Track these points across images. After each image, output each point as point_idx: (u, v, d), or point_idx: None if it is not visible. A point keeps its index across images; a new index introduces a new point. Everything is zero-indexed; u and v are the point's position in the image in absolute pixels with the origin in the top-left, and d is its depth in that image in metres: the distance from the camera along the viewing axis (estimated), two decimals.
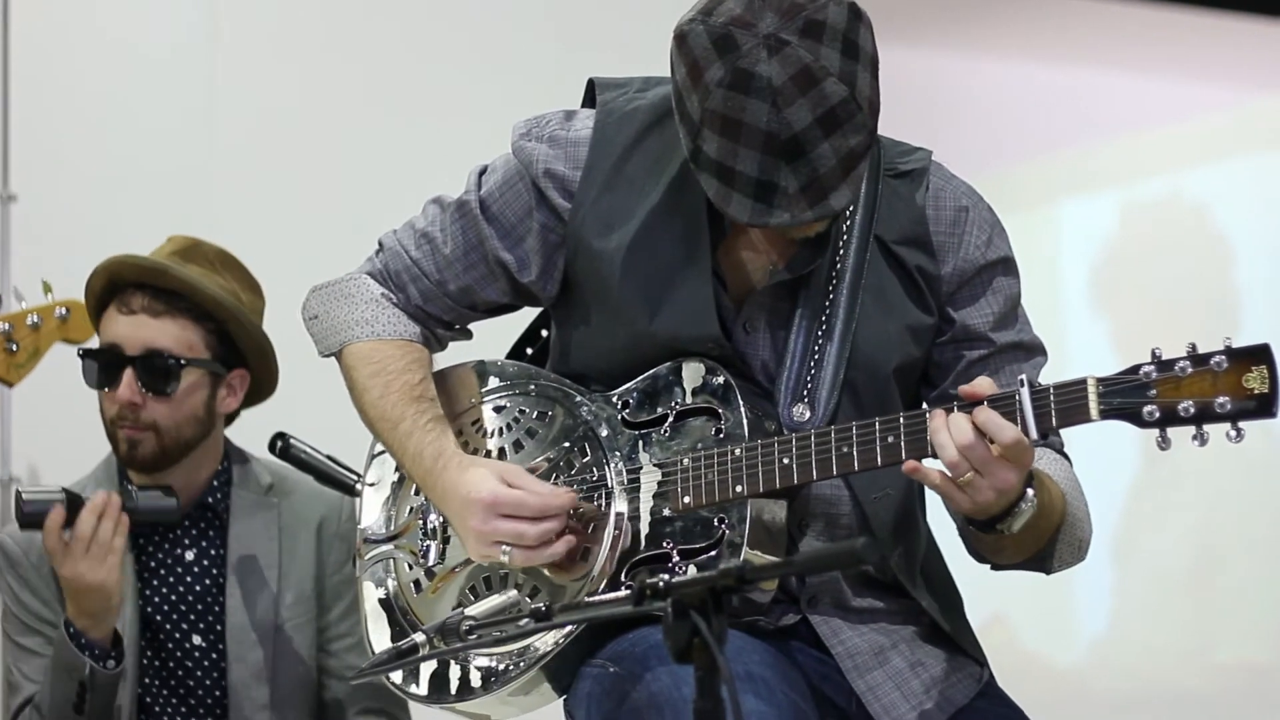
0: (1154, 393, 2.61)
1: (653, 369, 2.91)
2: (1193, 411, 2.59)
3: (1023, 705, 3.00)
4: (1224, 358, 2.58)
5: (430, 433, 2.97)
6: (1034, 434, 2.67)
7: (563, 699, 2.96)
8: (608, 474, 2.91)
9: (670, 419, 2.90)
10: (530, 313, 3.17)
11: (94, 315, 3.91)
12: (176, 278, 3.86)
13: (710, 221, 2.87)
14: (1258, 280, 6.63)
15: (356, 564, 3.12)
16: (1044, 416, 2.65)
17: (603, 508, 2.90)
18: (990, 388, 2.71)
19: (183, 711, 3.89)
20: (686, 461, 2.85)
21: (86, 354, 3.88)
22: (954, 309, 2.94)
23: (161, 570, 3.91)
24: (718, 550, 2.81)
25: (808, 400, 2.87)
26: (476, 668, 2.94)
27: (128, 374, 3.83)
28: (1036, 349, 2.99)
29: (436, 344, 3.10)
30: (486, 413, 3.05)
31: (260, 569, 3.93)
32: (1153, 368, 2.62)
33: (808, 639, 2.92)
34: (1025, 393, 2.66)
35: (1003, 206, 3.03)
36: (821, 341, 2.88)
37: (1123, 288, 6.63)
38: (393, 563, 3.07)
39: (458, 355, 3.14)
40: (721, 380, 2.86)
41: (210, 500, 3.94)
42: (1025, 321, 2.99)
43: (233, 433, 4.01)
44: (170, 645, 3.90)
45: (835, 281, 2.89)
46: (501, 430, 3.02)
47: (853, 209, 2.90)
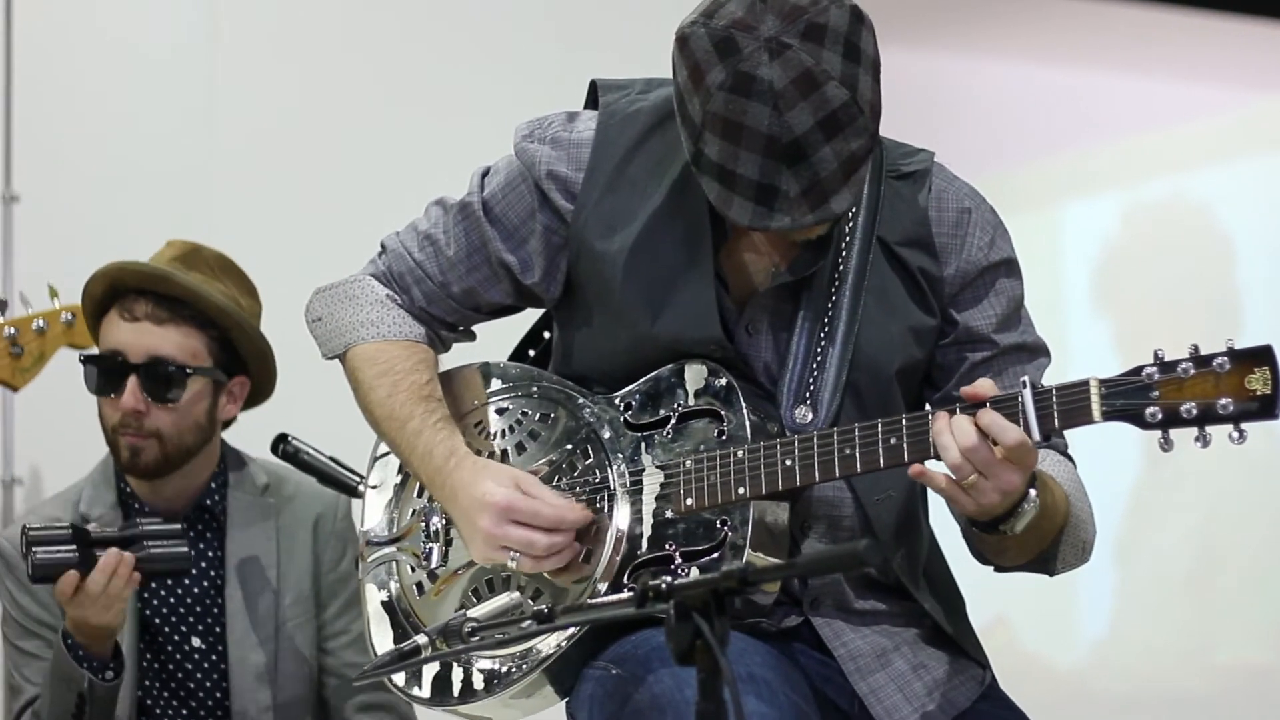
0: (1156, 394, 2.61)
1: (655, 371, 2.92)
2: (1195, 413, 2.59)
3: (1024, 707, 2.99)
4: (1226, 359, 2.58)
5: (440, 431, 2.97)
6: (1036, 435, 2.67)
7: (565, 701, 2.96)
8: (610, 476, 2.91)
9: (673, 421, 2.90)
10: (533, 314, 3.17)
11: (92, 320, 3.90)
12: (180, 285, 3.85)
13: (712, 223, 2.87)
14: (1260, 281, 6.63)
15: (359, 566, 3.12)
16: (1046, 418, 2.65)
17: (607, 510, 2.90)
18: (992, 389, 2.71)
19: (184, 714, 3.89)
20: (689, 463, 2.85)
21: (89, 360, 3.87)
22: (957, 311, 2.94)
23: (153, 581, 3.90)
24: (720, 552, 2.80)
25: (810, 402, 2.87)
26: (479, 670, 2.94)
27: (131, 381, 3.82)
28: (1040, 350, 2.99)
29: (440, 345, 3.10)
30: (489, 415, 3.04)
31: (259, 570, 3.92)
32: (1155, 369, 2.62)
33: (810, 641, 2.92)
34: (1028, 394, 2.66)
35: (1004, 208, 3.03)
36: (824, 343, 2.88)
37: (1124, 289, 6.62)
38: (395, 565, 3.07)
39: (461, 357, 3.14)
40: (724, 382, 2.86)
41: (208, 503, 3.94)
42: (1028, 323, 2.99)
43: (235, 434, 4.01)
44: (170, 648, 3.90)
45: (838, 283, 2.89)
46: (504, 432, 3.02)
47: (855, 210, 2.90)
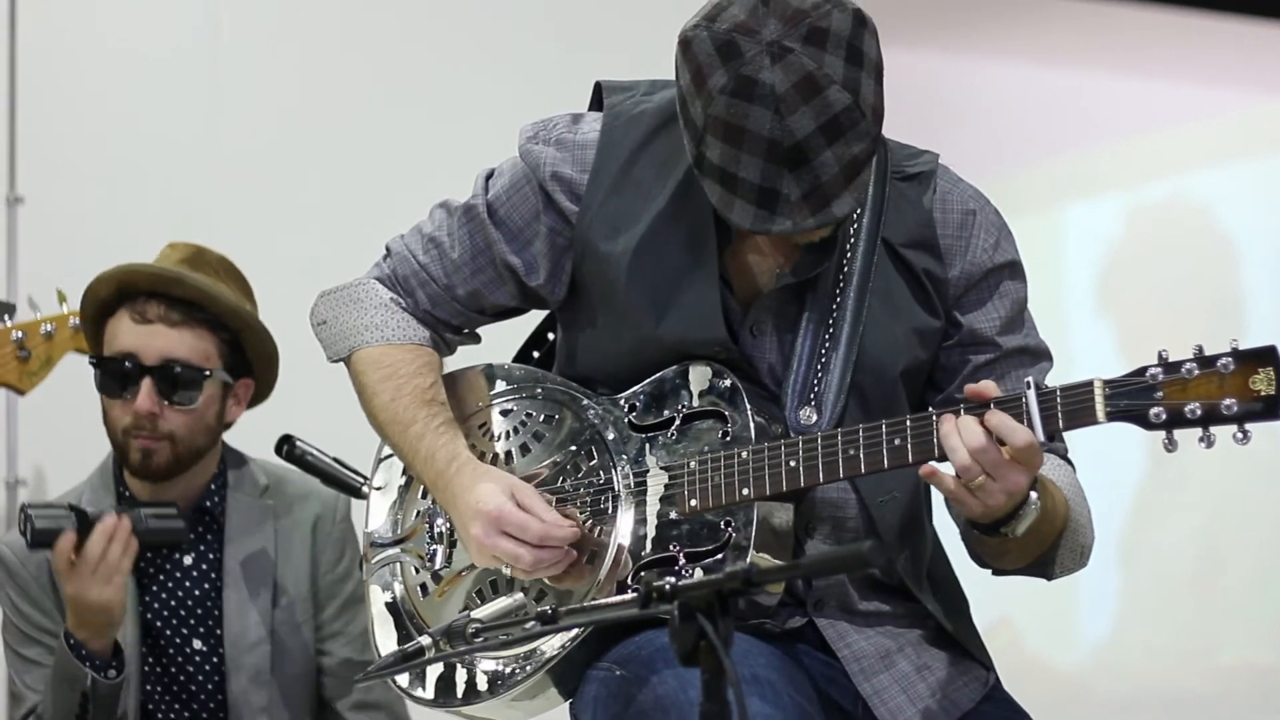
0: (1160, 394, 2.61)
1: (659, 372, 2.92)
2: (1199, 413, 2.59)
3: (1027, 707, 2.99)
4: (1230, 360, 2.58)
5: (443, 435, 2.97)
6: (1041, 436, 2.66)
7: (568, 702, 2.96)
8: (614, 477, 2.91)
9: (677, 422, 2.90)
10: (536, 315, 3.17)
11: (93, 323, 3.89)
12: (194, 287, 3.85)
13: (717, 225, 2.87)
14: (1262, 282, 6.63)
15: (363, 567, 3.12)
16: (1050, 418, 2.65)
17: (611, 512, 2.90)
18: (995, 389, 2.71)
19: (185, 716, 3.89)
20: (693, 464, 2.85)
21: (100, 362, 3.86)
22: (961, 313, 2.94)
23: (161, 576, 3.91)
24: (724, 553, 2.81)
25: (814, 403, 2.86)
26: (482, 671, 2.94)
27: (146, 383, 3.82)
28: (1043, 354, 2.99)
29: (445, 348, 3.10)
30: (494, 416, 3.04)
31: (257, 572, 3.92)
32: (1159, 370, 2.62)
33: (814, 642, 2.91)
34: (1032, 395, 2.66)
35: (1007, 209, 3.03)
36: (828, 344, 2.88)
37: (1127, 290, 6.62)
38: (399, 566, 3.07)
39: (466, 359, 3.14)
40: (728, 383, 2.86)
41: (208, 505, 3.94)
42: (1032, 326, 2.99)
43: (238, 435, 4.01)
44: (171, 651, 3.90)
45: (842, 284, 2.89)
46: (509, 434, 3.02)
47: (860, 212, 2.90)
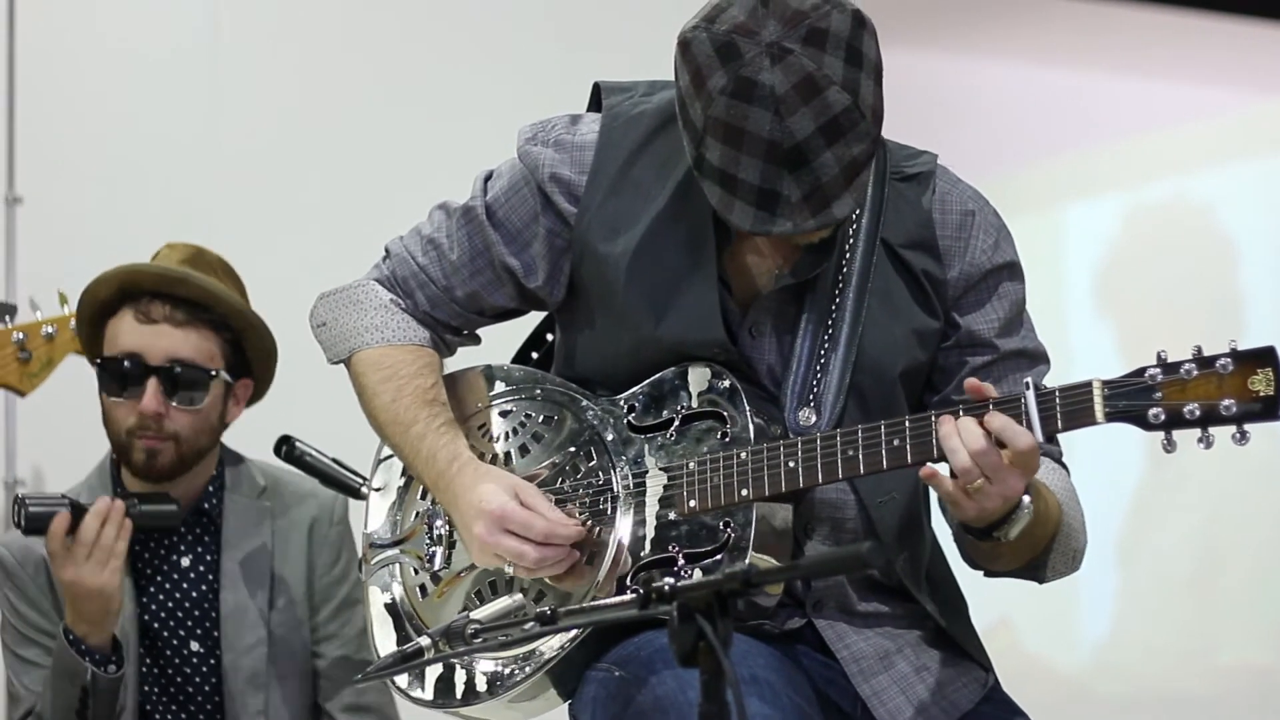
0: (1159, 395, 2.61)
1: (658, 373, 2.92)
2: (1198, 414, 2.59)
3: (1026, 708, 2.99)
4: (1229, 360, 2.58)
5: (444, 436, 2.97)
6: (1040, 436, 2.67)
7: (567, 703, 2.96)
8: (613, 478, 2.91)
9: (676, 423, 2.89)
10: (535, 316, 3.17)
11: (93, 323, 3.88)
12: (199, 287, 3.85)
13: (716, 226, 2.86)
14: (1261, 282, 6.63)
15: (362, 568, 3.12)
16: (1049, 419, 2.65)
17: (610, 512, 2.90)
18: (992, 390, 2.71)
19: (182, 718, 3.89)
20: (692, 465, 2.85)
21: (104, 362, 3.86)
22: (959, 314, 2.94)
23: (158, 577, 3.90)
24: (723, 554, 2.80)
25: (814, 404, 2.86)
26: (481, 671, 2.94)
27: (152, 384, 3.82)
28: (1040, 356, 2.98)
29: (445, 349, 3.10)
30: (493, 417, 3.04)
31: (255, 574, 3.92)
32: (1158, 370, 2.62)
33: (813, 643, 2.91)
34: (1031, 395, 2.66)
35: (1006, 210, 3.03)
36: (828, 345, 2.88)
37: (1127, 291, 6.63)
38: (398, 567, 3.07)
39: (465, 360, 3.14)
40: (727, 384, 2.86)
41: (206, 506, 3.94)
42: (1030, 328, 2.99)
43: (237, 435, 4.01)
44: (169, 652, 3.89)
45: (841, 285, 2.89)
46: (508, 434, 3.02)
47: (859, 212, 2.90)
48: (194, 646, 3.90)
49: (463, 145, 4.35)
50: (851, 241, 2.90)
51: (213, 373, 3.85)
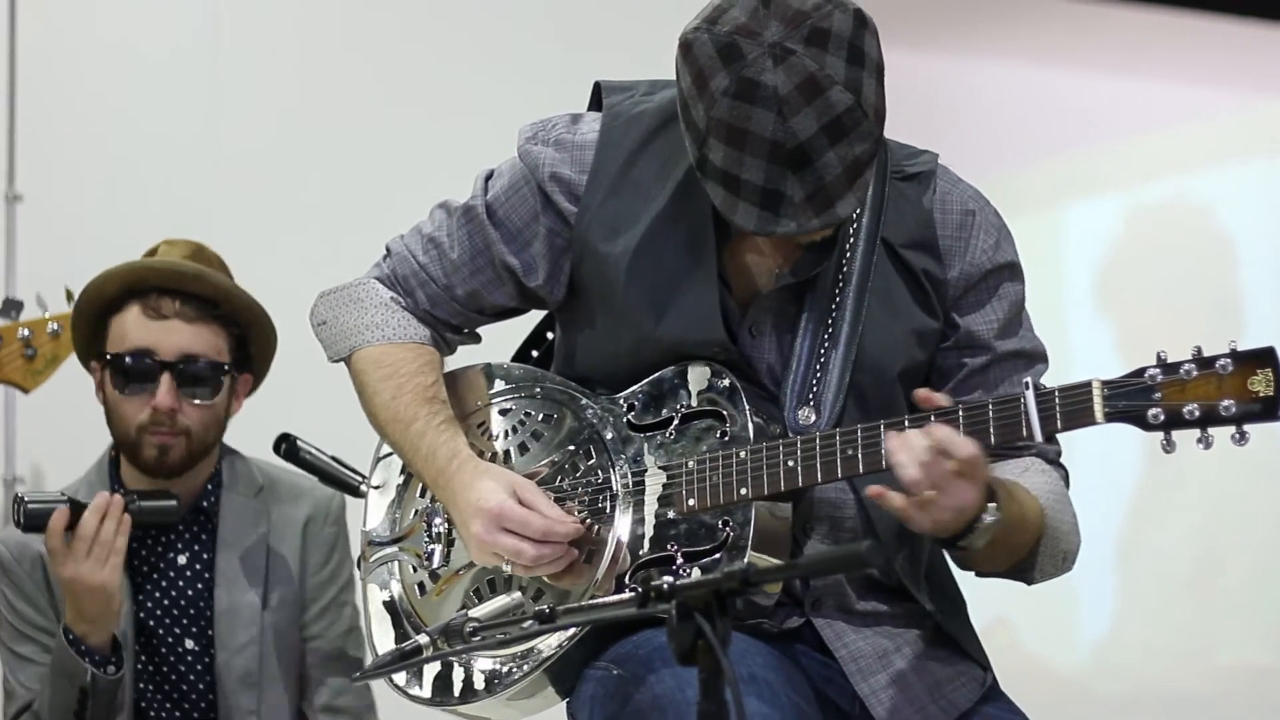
0: (1159, 395, 2.61)
1: (658, 372, 2.92)
2: (1197, 414, 2.59)
3: (1024, 708, 2.99)
4: (1229, 360, 2.58)
5: (443, 433, 2.97)
6: (1039, 436, 2.67)
7: (566, 701, 2.96)
8: (612, 477, 2.91)
9: (675, 422, 2.89)
10: (535, 315, 3.17)
11: (94, 319, 3.88)
12: (211, 283, 3.86)
13: (716, 225, 2.86)
14: (1261, 283, 6.63)
15: (361, 566, 3.12)
16: (1049, 419, 2.65)
17: (609, 511, 2.90)
18: (947, 401, 2.70)
19: (176, 716, 3.89)
20: (691, 464, 2.85)
21: (115, 358, 3.85)
22: (959, 314, 2.94)
23: (154, 575, 3.90)
24: (722, 553, 2.80)
25: (813, 404, 2.86)
26: (480, 670, 2.94)
27: (166, 379, 3.82)
28: (1038, 356, 2.98)
29: (445, 347, 3.10)
30: (493, 415, 3.04)
31: (249, 573, 3.92)
32: (1158, 370, 2.62)
33: (811, 642, 2.91)
34: (1030, 395, 2.66)
35: (1007, 209, 3.02)
36: (827, 345, 2.88)
37: (1127, 290, 6.62)
38: (397, 565, 3.07)
39: (465, 358, 3.14)
40: (727, 383, 2.86)
41: (205, 504, 3.94)
42: (1029, 328, 2.99)
43: (237, 433, 4.01)
44: (164, 650, 3.89)
45: (842, 284, 2.89)
46: (508, 433, 3.02)
47: (860, 211, 2.90)
48: (189, 644, 3.90)
49: (463, 145, 4.34)
50: (852, 241, 2.90)
51: (225, 368, 3.86)
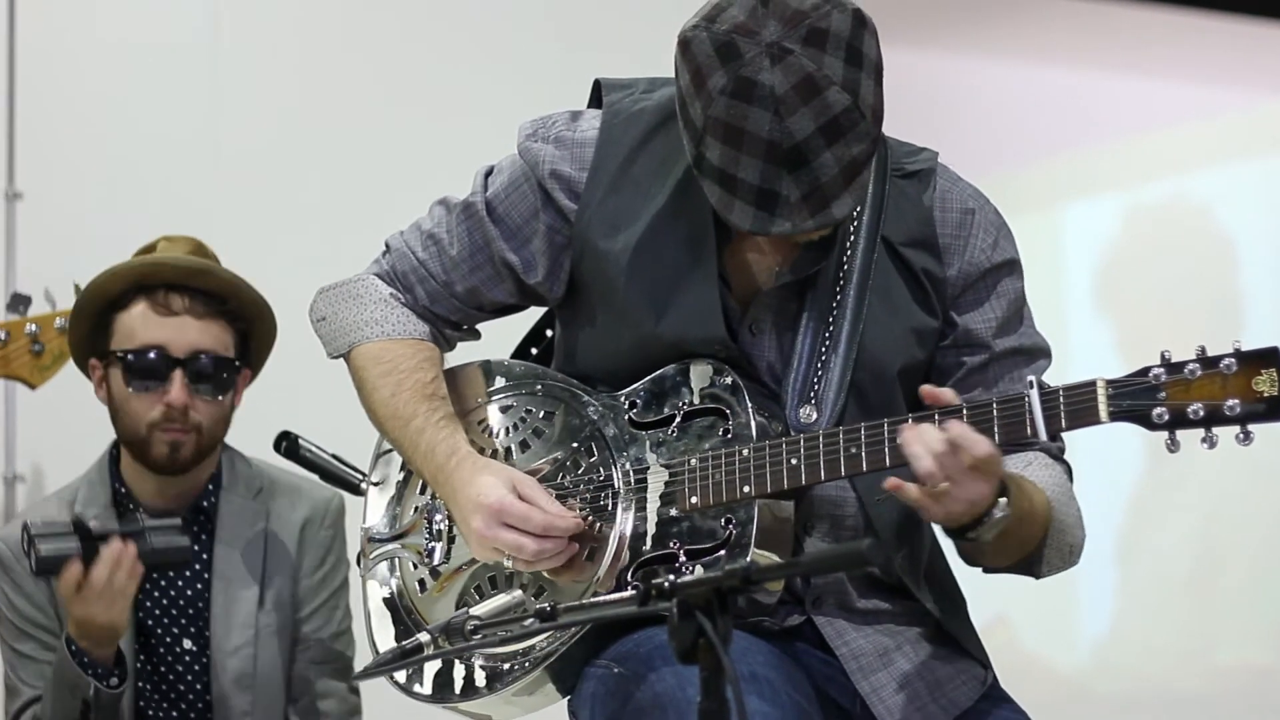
0: (1163, 395, 2.61)
1: (659, 370, 2.91)
2: (1202, 414, 2.59)
3: (1024, 706, 2.99)
4: (1233, 360, 2.58)
5: (442, 430, 2.96)
6: (1043, 435, 2.67)
7: (566, 699, 2.96)
8: (614, 474, 2.91)
9: (678, 419, 2.89)
10: (535, 312, 3.17)
11: (97, 316, 3.87)
12: (219, 279, 3.86)
13: (716, 223, 2.86)
14: (1261, 283, 6.63)
15: (361, 563, 3.12)
16: (1053, 418, 2.65)
17: (610, 508, 2.90)
18: (953, 398, 2.70)
19: (174, 716, 3.88)
20: (694, 462, 2.85)
21: (126, 355, 3.84)
22: (958, 313, 2.94)
23: (154, 575, 3.89)
24: (724, 550, 2.80)
25: (814, 402, 2.86)
26: (481, 667, 2.94)
27: (178, 376, 3.82)
28: (1040, 352, 2.98)
29: (445, 344, 3.09)
30: (493, 412, 3.04)
31: (245, 573, 3.91)
32: (1162, 370, 2.62)
33: (812, 640, 2.91)
34: (1034, 394, 2.66)
35: (1006, 209, 3.02)
36: (828, 343, 2.88)
37: (1126, 290, 6.62)
38: (397, 562, 3.06)
39: (464, 356, 3.14)
40: (730, 381, 2.86)
41: (205, 504, 3.93)
42: (1029, 324, 2.98)
43: (237, 431, 4.00)
44: (162, 650, 3.89)
45: (842, 283, 2.89)
46: (508, 430, 3.01)
47: (860, 210, 2.90)
48: (187, 644, 3.89)
49: (463, 145, 4.33)
50: (852, 239, 2.90)
51: (236, 363, 3.86)
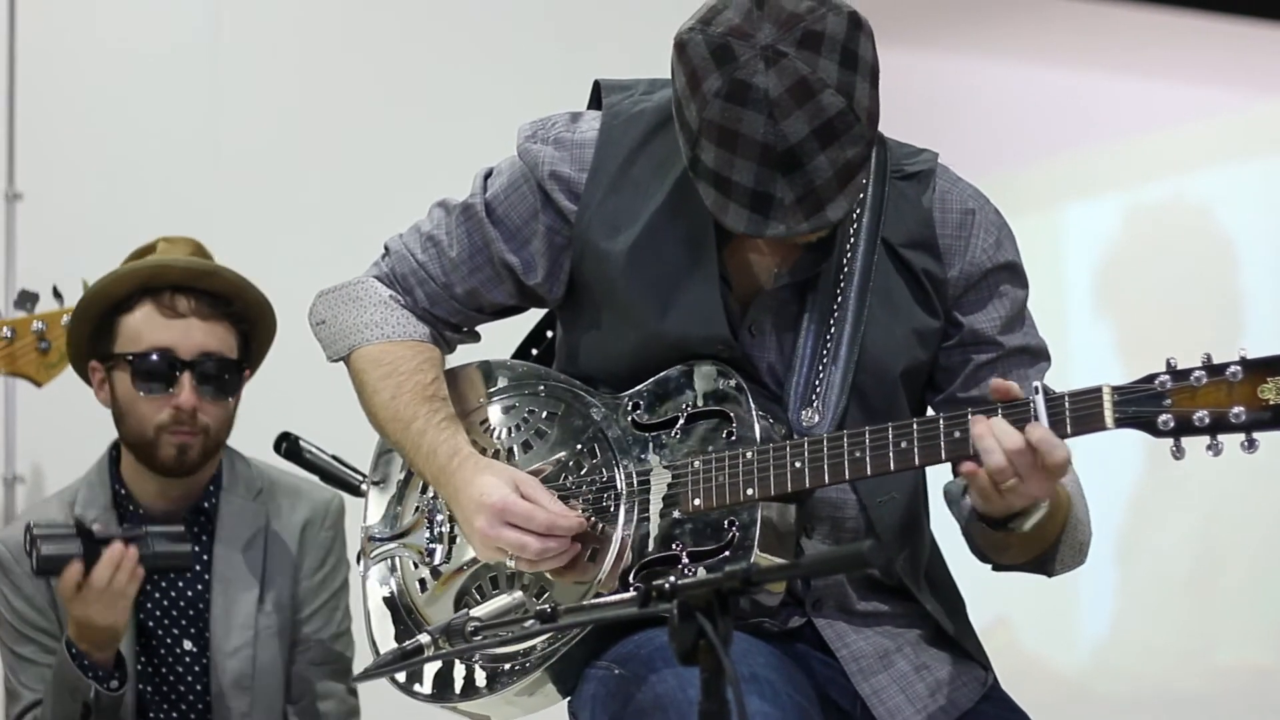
0: (1169, 402, 2.60)
1: (662, 371, 2.91)
2: (1207, 421, 2.58)
3: (1024, 707, 2.99)
4: (1239, 368, 2.58)
5: (444, 431, 2.96)
6: None
7: (567, 700, 2.96)
8: (617, 476, 2.91)
9: (681, 421, 2.89)
10: (536, 314, 3.17)
11: (99, 317, 3.86)
12: (225, 280, 3.85)
13: (716, 223, 2.86)
14: (1261, 283, 6.63)
15: (361, 562, 3.11)
16: (1059, 424, 2.65)
17: (613, 510, 2.90)
18: (1017, 390, 2.71)
19: (174, 717, 3.88)
20: (697, 464, 2.85)
21: (136, 358, 3.84)
22: (961, 313, 2.94)
23: (155, 576, 3.89)
24: (727, 553, 2.80)
25: (816, 404, 2.86)
26: (481, 668, 2.93)
27: (187, 379, 3.82)
28: (1041, 353, 2.98)
29: (445, 346, 3.09)
30: (494, 413, 3.04)
31: (244, 575, 3.91)
32: (1168, 377, 2.61)
33: (813, 642, 2.91)
34: (1040, 400, 2.66)
35: (1006, 210, 3.02)
36: (830, 345, 2.88)
37: (1127, 290, 6.62)
38: (398, 561, 3.06)
39: (465, 357, 3.13)
40: (734, 383, 2.86)
41: (205, 505, 3.93)
42: (1031, 325, 2.99)
43: (237, 432, 4.00)
44: (163, 651, 3.89)
45: (843, 285, 2.89)
46: (510, 430, 3.01)
47: (860, 211, 2.90)
48: (187, 645, 3.89)
49: (463, 145, 4.34)
50: (852, 241, 2.90)
51: (244, 365, 3.87)
